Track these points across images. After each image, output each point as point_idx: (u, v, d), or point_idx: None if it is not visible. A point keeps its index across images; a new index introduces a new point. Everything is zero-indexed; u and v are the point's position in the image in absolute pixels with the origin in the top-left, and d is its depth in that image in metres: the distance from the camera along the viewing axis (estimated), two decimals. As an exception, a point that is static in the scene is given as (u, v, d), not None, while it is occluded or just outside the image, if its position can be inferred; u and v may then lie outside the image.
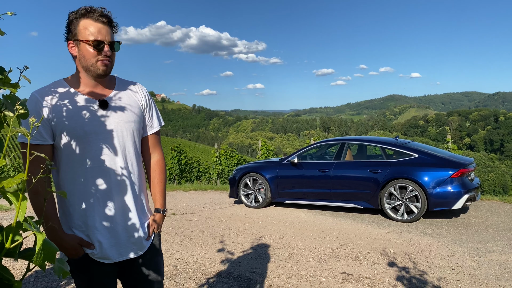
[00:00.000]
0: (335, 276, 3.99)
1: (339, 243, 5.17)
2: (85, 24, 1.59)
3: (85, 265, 1.64)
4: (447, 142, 10.51)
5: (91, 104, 1.62)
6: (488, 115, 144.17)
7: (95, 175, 1.61)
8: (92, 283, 1.67)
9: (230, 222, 6.51)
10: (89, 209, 1.61)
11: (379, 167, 6.60)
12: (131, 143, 1.70)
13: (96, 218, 1.62)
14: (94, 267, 1.65)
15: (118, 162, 1.65)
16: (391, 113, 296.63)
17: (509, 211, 7.00)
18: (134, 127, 1.72)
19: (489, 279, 3.87)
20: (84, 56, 1.60)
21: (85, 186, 1.60)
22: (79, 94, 1.62)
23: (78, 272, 1.66)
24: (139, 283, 1.77)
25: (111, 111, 1.66)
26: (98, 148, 1.61)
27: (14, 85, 1.05)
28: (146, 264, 1.76)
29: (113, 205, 1.64)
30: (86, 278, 1.66)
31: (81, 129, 1.58)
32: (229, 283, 3.82)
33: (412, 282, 3.81)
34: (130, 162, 1.70)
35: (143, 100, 1.79)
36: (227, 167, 14.36)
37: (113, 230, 1.65)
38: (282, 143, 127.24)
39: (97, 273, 1.66)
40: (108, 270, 1.68)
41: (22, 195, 0.89)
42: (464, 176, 6.16)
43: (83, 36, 1.59)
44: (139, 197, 1.73)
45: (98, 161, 1.61)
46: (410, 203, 6.23)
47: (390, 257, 4.55)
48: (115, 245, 1.65)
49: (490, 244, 5.01)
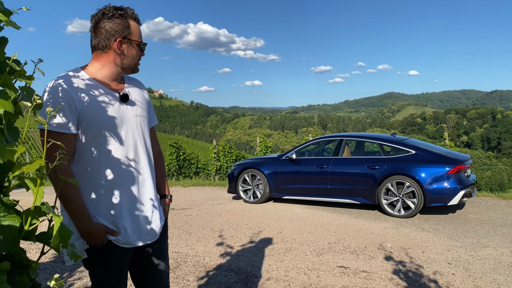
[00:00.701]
0: (333, 270, 4.06)
1: (336, 237, 5.24)
2: (134, 25, 1.70)
3: (107, 251, 1.70)
4: (444, 139, 10.59)
5: (112, 97, 1.69)
6: (485, 113, 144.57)
7: (118, 165, 1.68)
8: (111, 268, 1.73)
9: (229, 217, 6.57)
10: (114, 198, 1.68)
11: (376, 163, 6.67)
12: (147, 135, 1.82)
13: (122, 206, 1.69)
14: (116, 253, 1.72)
15: (137, 152, 1.74)
16: (389, 110, 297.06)
17: (504, 207, 7.09)
18: (147, 120, 1.83)
19: (484, 273, 3.94)
20: (130, 55, 1.70)
21: (110, 176, 1.66)
22: (101, 87, 1.68)
23: (99, 259, 1.71)
24: (150, 266, 1.86)
25: (129, 105, 1.74)
26: (121, 139, 1.68)
27: (29, 77, 1.10)
28: (159, 248, 1.87)
29: (136, 194, 1.72)
30: (106, 263, 1.72)
31: (105, 120, 1.64)
32: (228, 276, 3.89)
33: (408, 276, 3.88)
34: (147, 152, 1.79)
35: (146, 96, 1.89)
36: (225, 163, 14.42)
37: (137, 217, 1.73)
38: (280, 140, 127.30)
39: (118, 258, 1.73)
40: (127, 255, 1.77)
41: (40, 181, 0.95)
42: (460, 172, 6.24)
43: (135, 37, 1.70)
44: (154, 186, 1.83)
45: (119, 152, 1.68)
46: (407, 199, 6.31)
47: (387, 252, 4.62)
48: (137, 231, 1.73)
49: (485, 239, 5.09)
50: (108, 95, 1.68)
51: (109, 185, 1.67)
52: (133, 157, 1.72)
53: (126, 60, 1.71)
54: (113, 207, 1.68)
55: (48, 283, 0.99)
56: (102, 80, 1.69)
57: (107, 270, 1.73)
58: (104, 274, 1.73)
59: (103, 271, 1.73)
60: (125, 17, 1.68)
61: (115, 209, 1.68)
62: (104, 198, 1.67)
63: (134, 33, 1.70)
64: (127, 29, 1.68)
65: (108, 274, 1.73)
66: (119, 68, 1.71)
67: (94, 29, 1.68)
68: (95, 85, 1.66)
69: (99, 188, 1.66)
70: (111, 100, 1.68)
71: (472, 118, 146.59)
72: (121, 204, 1.69)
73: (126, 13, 1.69)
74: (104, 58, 1.69)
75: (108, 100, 1.67)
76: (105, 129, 1.64)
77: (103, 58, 1.69)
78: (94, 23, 1.68)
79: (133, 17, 1.71)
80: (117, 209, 1.69)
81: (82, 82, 1.63)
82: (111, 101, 1.68)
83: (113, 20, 1.66)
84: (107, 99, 1.67)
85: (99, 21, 1.67)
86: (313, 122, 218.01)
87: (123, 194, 1.69)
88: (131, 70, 1.76)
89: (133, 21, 1.71)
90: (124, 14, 1.68)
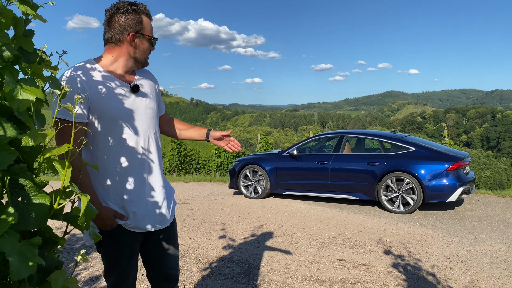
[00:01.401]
0: (333, 262, 4.15)
1: (336, 232, 5.32)
2: (146, 21, 1.78)
3: (117, 235, 1.78)
4: (444, 137, 10.67)
5: (124, 88, 1.76)
6: (485, 113, 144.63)
7: (129, 153, 1.76)
8: (121, 251, 1.81)
9: (231, 211, 6.65)
10: (124, 183, 1.76)
11: (376, 160, 6.75)
12: (157, 126, 1.90)
13: (132, 192, 1.77)
14: (125, 236, 1.80)
15: (147, 142, 1.82)
16: (389, 109, 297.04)
17: (502, 204, 7.17)
18: (156, 110, 1.91)
19: (481, 267, 4.03)
20: (142, 49, 1.78)
21: (120, 163, 1.74)
22: (114, 78, 1.74)
23: (109, 243, 1.79)
24: (159, 250, 1.95)
25: (140, 96, 1.81)
26: (132, 129, 1.76)
27: (55, 67, 1.18)
28: (168, 234, 1.95)
29: (145, 180, 1.80)
30: (116, 246, 1.80)
31: (116, 110, 1.71)
32: (231, 267, 3.97)
33: (407, 269, 3.96)
34: (156, 142, 1.87)
35: (156, 86, 1.97)
36: (226, 160, 14.49)
37: (146, 202, 1.81)
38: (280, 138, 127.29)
39: (127, 242, 1.81)
40: (136, 239, 1.84)
41: (68, 163, 1.02)
42: (459, 169, 6.32)
43: (147, 32, 1.77)
44: (162, 173, 1.91)
45: (131, 140, 1.76)
46: (406, 195, 6.39)
47: (386, 246, 4.70)
48: (146, 215, 1.81)
49: (483, 235, 5.18)
50: (120, 86, 1.75)
51: (119, 172, 1.75)
52: (143, 145, 1.80)
53: (138, 53, 1.78)
54: (123, 192, 1.76)
55: (75, 258, 1.07)
56: (114, 71, 1.76)
57: (117, 253, 1.81)
58: (114, 257, 1.82)
59: (114, 254, 1.81)
60: (138, 12, 1.75)
61: (125, 194, 1.76)
62: (114, 184, 1.75)
63: (146, 28, 1.78)
64: (140, 24, 1.75)
65: (118, 257, 1.81)
66: (131, 61, 1.78)
67: (108, 23, 1.75)
68: (108, 76, 1.73)
69: (110, 174, 1.74)
70: (123, 91, 1.75)
71: (472, 118, 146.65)
72: (131, 190, 1.77)
73: (139, 9, 1.76)
74: (117, 51, 1.76)
75: (120, 91, 1.74)
76: (116, 119, 1.72)
77: (116, 51, 1.76)
78: (108, 17, 1.75)
79: (145, 12, 1.77)
80: (127, 195, 1.77)
81: (96, 73, 1.70)
82: (123, 92, 1.75)
83: (127, 15, 1.73)
84: (119, 90, 1.74)
85: (113, 15, 1.74)
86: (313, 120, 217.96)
87: (133, 180, 1.77)
88: (142, 64, 1.83)
89: (146, 16, 1.78)
90: (137, 9, 1.75)
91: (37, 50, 1.11)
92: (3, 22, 0.99)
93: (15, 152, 0.92)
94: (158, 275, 1.99)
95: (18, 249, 0.91)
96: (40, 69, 1.07)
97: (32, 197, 0.98)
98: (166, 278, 2.00)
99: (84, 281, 3.61)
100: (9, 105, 0.98)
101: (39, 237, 0.96)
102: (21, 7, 1.10)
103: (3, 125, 0.92)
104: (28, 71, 1.07)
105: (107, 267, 1.84)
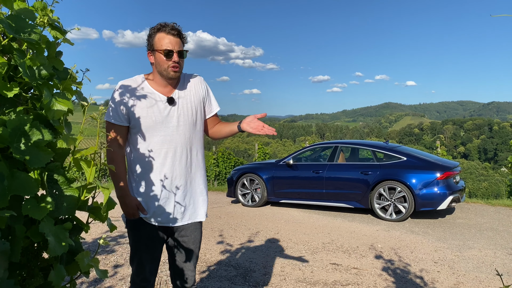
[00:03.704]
0: (326, 266, 4.34)
1: (330, 238, 5.51)
2: (159, 36, 2.01)
3: (138, 226, 2.07)
4: (436, 148, 10.93)
5: (161, 100, 2.03)
6: (482, 124, 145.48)
7: (158, 155, 2.02)
8: (142, 240, 2.08)
9: (228, 219, 6.84)
10: (149, 181, 2.03)
11: (369, 169, 6.97)
12: (189, 131, 2.09)
13: (154, 189, 2.02)
14: (145, 229, 2.07)
15: (178, 146, 2.06)
16: (387, 120, 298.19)
17: (492, 213, 7.38)
18: (194, 117, 2.11)
19: (467, 271, 4.22)
20: (158, 63, 2.02)
21: (149, 164, 2.02)
22: (153, 91, 2.03)
23: (131, 231, 2.09)
24: (178, 247, 2.16)
25: (176, 106, 2.06)
26: (162, 134, 2.03)
27: (79, 83, 1.40)
28: (189, 236, 2.16)
29: (169, 181, 2.04)
30: (136, 236, 2.09)
31: (150, 119, 1.99)
32: (228, 270, 4.15)
33: (396, 272, 4.16)
34: (188, 147, 2.09)
35: (202, 91, 2.18)
36: (224, 169, 14.69)
37: (165, 201, 2.05)
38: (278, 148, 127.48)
39: (146, 234, 2.07)
40: (157, 233, 2.09)
41: (93, 162, 1.24)
42: (449, 178, 6.54)
43: (158, 47, 2.00)
44: (194, 177, 2.13)
45: (161, 144, 2.03)
46: (398, 203, 6.60)
47: (377, 251, 4.90)
48: (163, 213, 2.06)
49: (471, 242, 5.37)
50: (157, 98, 2.03)
51: (146, 171, 2.03)
52: (171, 148, 2.04)
53: (158, 67, 2.03)
54: (147, 189, 2.03)
55: (99, 241, 1.27)
56: (155, 85, 2.06)
57: (137, 243, 2.10)
58: (134, 247, 2.11)
59: (134, 244, 2.11)
60: (154, 33, 2.03)
61: (148, 191, 2.03)
62: (140, 180, 2.04)
63: (158, 43, 2.01)
64: (152, 42, 2.04)
65: (137, 248, 2.10)
66: (158, 75, 2.05)
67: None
68: (148, 89, 2.04)
69: (139, 171, 2.04)
70: (159, 102, 2.03)
71: (469, 129, 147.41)
72: (153, 189, 2.03)
73: (154, 29, 2.04)
74: (153, 69, 2.08)
75: (155, 102, 2.03)
76: (148, 125, 2.01)
77: (153, 69, 2.09)
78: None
79: (161, 29, 2.01)
80: (149, 191, 2.03)
81: (138, 86, 2.03)
82: (158, 103, 2.03)
83: (148, 39, 2.07)
84: (155, 101, 2.03)
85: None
86: (311, 131, 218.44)
87: (156, 180, 2.03)
88: (167, 76, 2.02)
89: (161, 33, 2.01)
90: (153, 29, 2.04)
91: (67, 69, 1.33)
92: (42, 47, 1.22)
93: (51, 153, 1.14)
94: (175, 272, 2.20)
95: (54, 231, 1.13)
96: (70, 85, 1.29)
97: (64, 190, 1.20)
98: (181, 277, 2.20)
99: (88, 282, 3.79)
100: (45, 115, 1.20)
101: (69, 223, 1.18)
102: (52, 32, 1.34)
103: (41, 130, 1.13)
104: (60, 86, 1.29)
105: (131, 254, 2.14)
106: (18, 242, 1.06)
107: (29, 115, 1.18)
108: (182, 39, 2.05)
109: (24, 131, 1.09)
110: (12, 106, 1.17)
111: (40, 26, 1.25)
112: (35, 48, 1.18)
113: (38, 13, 1.27)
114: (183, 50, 2.04)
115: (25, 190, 1.04)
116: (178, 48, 2.01)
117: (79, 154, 1.22)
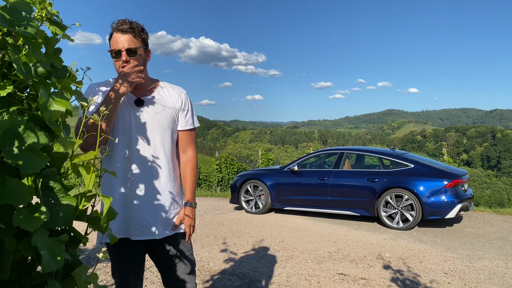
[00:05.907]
0: (333, 276, 4.20)
1: (336, 247, 5.38)
2: (114, 37, 1.80)
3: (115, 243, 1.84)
4: (443, 155, 10.78)
5: (130, 101, 1.87)
6: (485, 132, 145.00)
7: (128, 161, 1.82)
8: (119, 255, 1.91)
9: (232, 226, 6.71)
10: (120, 190, 1.83)
11: (376, 176, 6.84)
12: (159, 137, 1.88)
13: (128, 199, 1.83)
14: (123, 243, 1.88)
15: (145, 152, 1.85)
16: (389, 127, 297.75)
17: (501, 222, 7.23)
18: (165, 124, 1.90)
19: (479, 282, 4.08)
20: (114, 64, 1.84)
21: (119, 170, 1.82)
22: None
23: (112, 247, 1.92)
24: (162, 261, 1.99)
25: (145, 109, 1.87)
26: (130, 138, 1.83)
27: (79, 82, 1.30)
28: (172, 248, 1.95)
29: (141, 189, 1.83)
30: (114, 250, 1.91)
31: (119, 120, 1.82)
32: (232, 280, 4.03)
33: (406, 283, 4.02)
34: (157, 153, 1.87)
35: (178, 102, 1.96)
36: (227, 175, 14.57)
37: (140, 210, 1.84)
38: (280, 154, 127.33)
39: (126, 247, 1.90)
40: (137, 246, 1.91)
41: (93, 168, 1.13)
42: (457, 186, 6.41)
43: (111, 47, 1.81)
44: (166, 185, 1.89)
45: (129, 149, 1.82)
46: (406, 212, 6.46)
47: (385, 261, 4.76)
48: (136, 224, 1.85)
49: (482, 252, 5.23)
50: (126, 99, 1.85)
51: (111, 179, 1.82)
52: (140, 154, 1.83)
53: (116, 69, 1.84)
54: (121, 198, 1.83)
55: (97, 255, 1.17)
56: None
57: (115, 257, 1.92)
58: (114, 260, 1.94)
59: (113, 257, 1.93)
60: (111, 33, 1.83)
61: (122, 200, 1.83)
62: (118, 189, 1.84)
63: (112, 43, 1.81)
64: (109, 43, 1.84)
65: (116, 260, 1.93)
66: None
67: None
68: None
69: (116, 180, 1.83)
70: (127, 103, 1.85)
71: (472, 137, 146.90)
72: (126, 197, 1.83)
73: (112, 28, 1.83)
74: None
75: (125, 104, 1.85)
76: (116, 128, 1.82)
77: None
78: None
79: (114, 28, 1.80)
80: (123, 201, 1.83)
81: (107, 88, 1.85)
82: (126, 105, 1.85)
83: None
84: (124, 102, 1.85)
85: None
86: (313, 137, 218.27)
87: (128, 187, 1.83)
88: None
89: (115, 32, 1.79)
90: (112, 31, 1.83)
91: (66, 66, 1.23)
92: (39, 42, 1.12)
93: (47, 158, 1.03)
94: (167, 285, 2.02)
95: (48, 245, 1.01)
96: (69, 84, 1.19)
97: (60, 198, 1.09)
98: None
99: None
100: (42, 116, 1.10)
101: (66, 235, 1.07)
102: (50, 28, 1.23)
103: (36, 133, 1.03)
104: (58, 85, 1.19)
105: (111, 267, 1.97)
106: (8, 257, 0.95)
107: (24, 116, 1.08)
108: (135, 35, 1.78)
109: (17, 133, 0.98)
110: (5, 106, 1.07)
111: (37, 20, 1.16)
112: (31, 43, 1.08)
113: (36, 7, 1.17)
114: (135, 48, 1.77)
115: (17, 199, 0.93)
116: (127, 46, 1.75)
117: (78, 159, 1.12)
